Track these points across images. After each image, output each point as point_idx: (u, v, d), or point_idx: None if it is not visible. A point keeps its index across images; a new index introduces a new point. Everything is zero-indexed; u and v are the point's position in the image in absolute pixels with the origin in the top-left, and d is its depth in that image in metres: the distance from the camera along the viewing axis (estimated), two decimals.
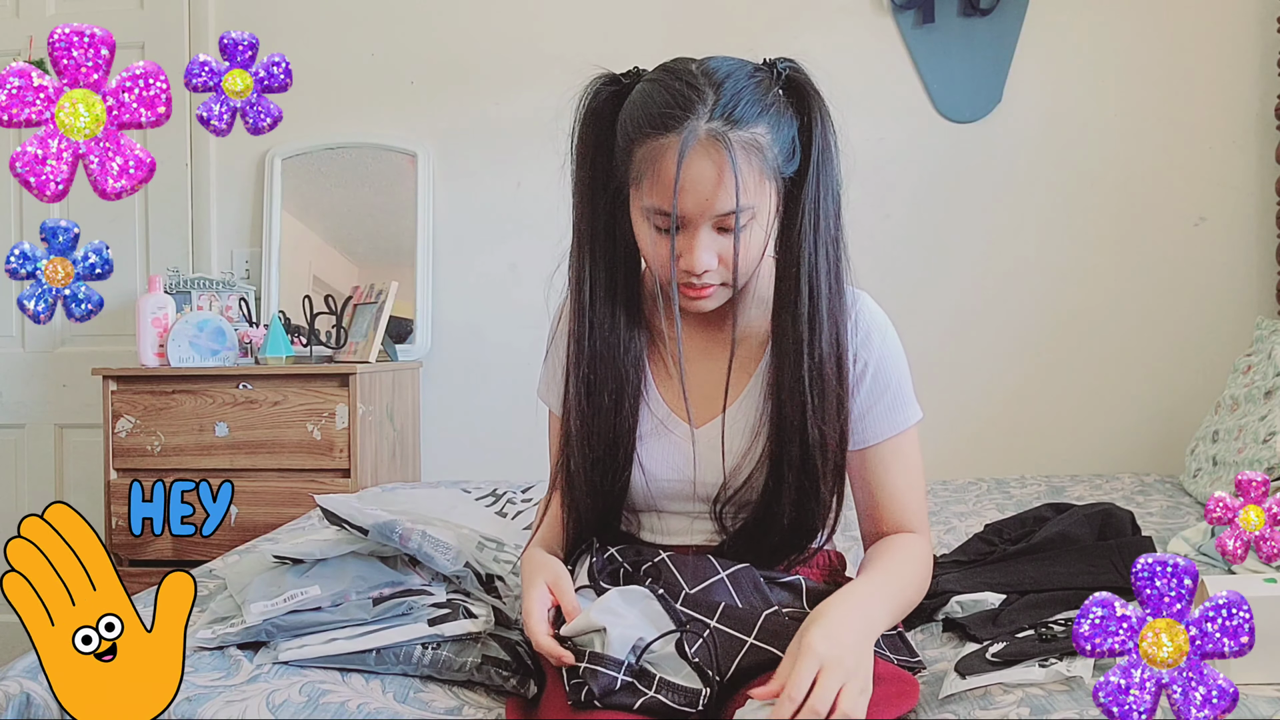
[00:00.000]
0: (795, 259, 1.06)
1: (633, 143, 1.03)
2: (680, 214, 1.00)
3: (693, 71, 1.02)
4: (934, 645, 1.29)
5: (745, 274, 1.06)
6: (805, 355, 1.06)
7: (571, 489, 1.15)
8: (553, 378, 1.21)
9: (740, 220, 1.01)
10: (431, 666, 1.13)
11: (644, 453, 1.12)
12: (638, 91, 1.04)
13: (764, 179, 1.02)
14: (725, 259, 1.03)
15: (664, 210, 1.01)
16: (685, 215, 1.00)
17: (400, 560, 1.23)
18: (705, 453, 1.11)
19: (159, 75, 0.72)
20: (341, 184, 2.81)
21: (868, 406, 1.12)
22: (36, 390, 2.92)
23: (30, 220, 2.92)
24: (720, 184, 0.99)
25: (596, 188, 1.09)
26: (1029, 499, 2.11)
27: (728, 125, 0.99)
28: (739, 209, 1.00)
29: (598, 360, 1.10)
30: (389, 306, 2.48)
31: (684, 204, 0.99)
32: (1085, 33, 2.61)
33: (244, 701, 1.06)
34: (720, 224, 1.02)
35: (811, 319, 1.06)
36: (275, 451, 2.35)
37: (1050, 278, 2.62)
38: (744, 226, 1.02)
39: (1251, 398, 2.11)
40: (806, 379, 1.06)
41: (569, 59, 2.68)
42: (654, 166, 1.00)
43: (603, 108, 1.07)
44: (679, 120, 0.99)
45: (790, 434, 1.07)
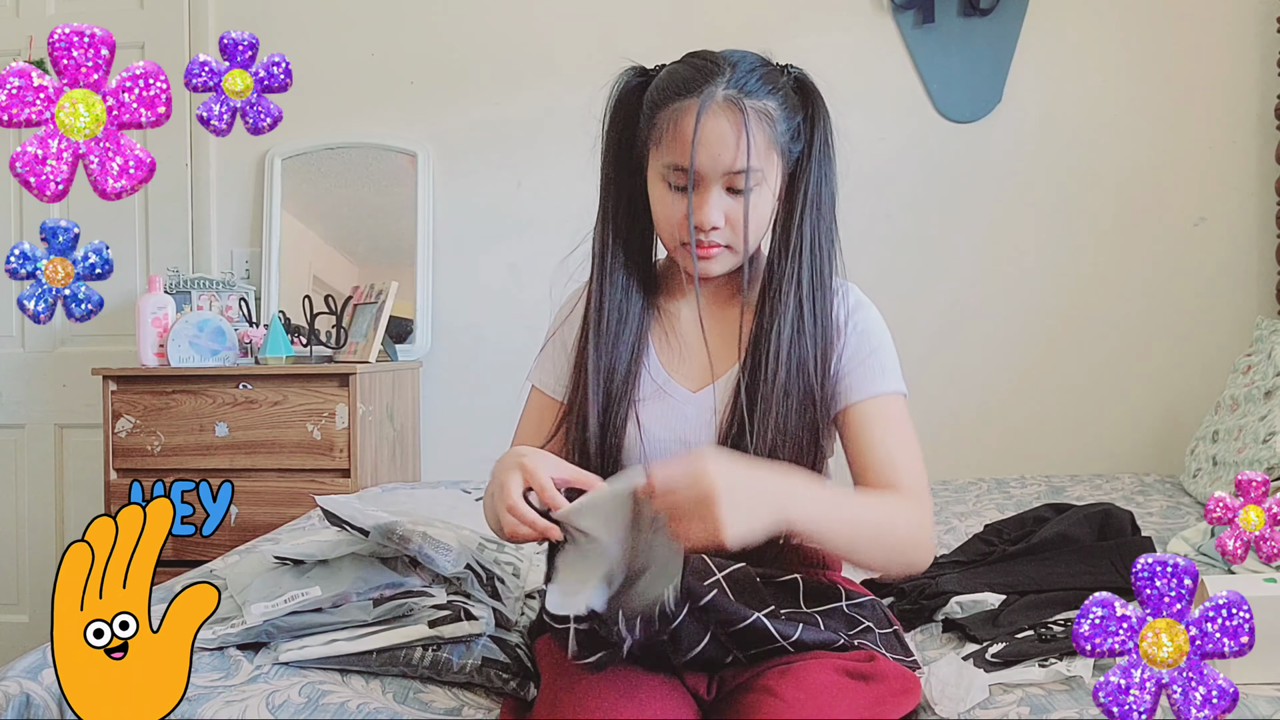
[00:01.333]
0: (792, 239, 1.14)
1: (656, 109, 1.11)
2: (695, 170, 1.08)
3: (713, 53, 1.13)
4: (934, 646, 1.29)
5: (753, 239, 1.12)
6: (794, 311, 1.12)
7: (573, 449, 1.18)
8: (548, 359, 1.25)
9: (750, 181, 1.08)
10: (431, 668, 1.13)
11: (642, 413, 1.17)
12: (664, 72, 1.15)
13: (772, 148, 1.10)
14: (733, 220, 1.10)
15: (681, 166, 1.09)
16: (699, 172, 1.08)
17: (401, 561, 1.23)
18: (699, 413, 1.16)
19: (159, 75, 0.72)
20: (341, 184, 2.81)
21: (853, 365, 1.14)
22: (36, 390, 2.92)
23: (30, 220, 2.92)
24: (734, 142, 1.07)
25: (621, 165, 1.18)
26: (1029, 499, 2.12)
27: (743, 94, 1.08)
28: (749, 168, 1.07)
29: (611, 318, 1.18)
30: (389, 306, 2.48)
31: (699, 159, 1.07)
32: (1085, 33, 2.61)
33: (244, 701, 1.06)
34: (731, 183, 1.09)
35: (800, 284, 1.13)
36: (275, 451, 2.34)
37: (1050, 277, 2.62)
38: (753, 188, 1.09)
39: (1251, 398, 2.11)
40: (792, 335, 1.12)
41: (569, 59, 2.73)
42: (674, 125, 1.09)
43: (631, 94, 1.17)
44: (699, 86, 1.08)
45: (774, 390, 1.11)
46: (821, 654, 1.03)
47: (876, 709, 0.97)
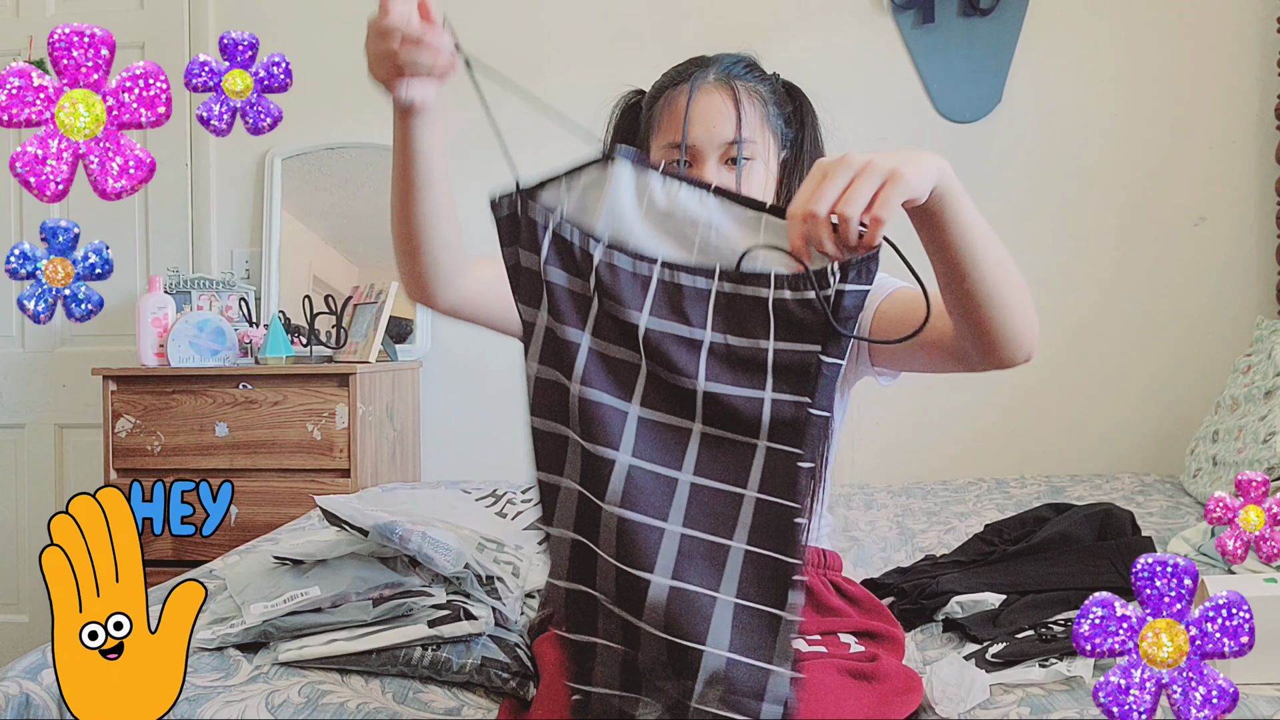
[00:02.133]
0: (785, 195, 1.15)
1: (652, 102, 1.16)
2: (690, 146, 1.10)
3: (704, 55, 1.18)
4: (934, 645, 1.29)
5: None
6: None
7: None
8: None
9: (744, 152, 1.10)
10: (431, 668, 1.13)
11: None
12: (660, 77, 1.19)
13: (765, 126, 1.13)
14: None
15: (676, 143, 1.11)
16: (694, 147, 1.11)
17: (400, 561, 1.23)
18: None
19: (159, 75, 0.72)
20: (341, 184, 2.81)
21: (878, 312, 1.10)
22: (36, 390, 2.92)
23: (30, 220, 2.92)
24: (728, 115, 1.10)
25: None
26: (1029, 499, 2.12)
27: (732, 77, 1.13)
28: (743, 139, 1.10)
29: None
30: (389, 306, 2.48)
31: (694, 134, 1.10)
32: (1085, 32, 2.61)
33: (243, 702, 1.06)
34: (727, 156, 1.11)
35: None
36: (275, 451, 2.35)
37: (1050, 277, 2.62)
38: (748, 160, 1.11)
39: (1251, 398, 2.11)
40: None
41: (569, 60, 2.72)
42: (668, 109, 1.13)
43: (631, 108, 1.22)
44: (689, 74, 1.14)
45: None
46: (824, 655, 1.03)
47: (880, 709, 0.97)
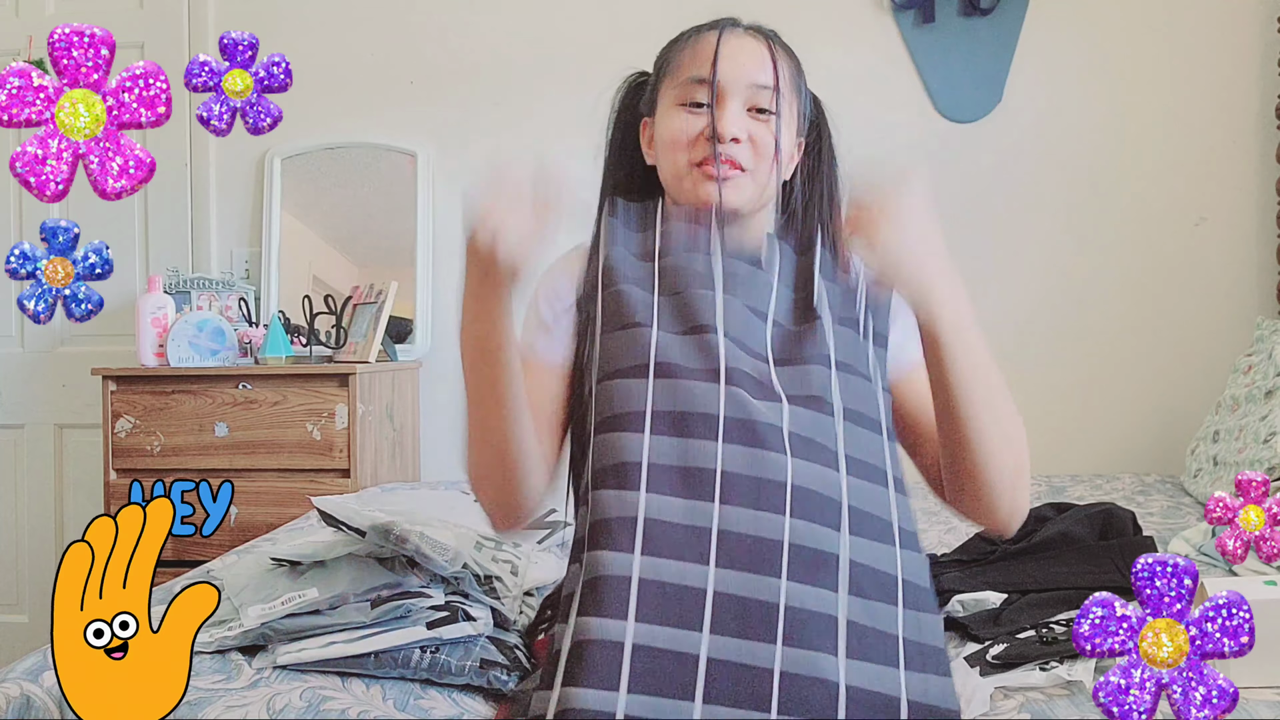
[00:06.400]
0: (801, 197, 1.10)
1: (668, 52, 1.08)
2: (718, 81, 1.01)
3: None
4: None
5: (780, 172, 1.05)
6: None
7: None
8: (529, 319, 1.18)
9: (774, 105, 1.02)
10: (430, 670, 1.13)
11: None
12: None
13: (793, 89, 1.06)
14: (756, 139, 1.03)
15: (701, 78, 1.02)
16: (721, 84, 1.02)
17: (398, 562, 1.23)
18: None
19: (159, 75, 0.72)
20: (341, 184, 2.81)
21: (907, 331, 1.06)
22: (36, 390, 2.92)
23: (30, 220, 2.91)
24: (761, 58, 1.03)
25: (627, 146, 1.14)
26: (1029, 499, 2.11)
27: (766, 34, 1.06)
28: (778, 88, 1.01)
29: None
30: (389, 306, 2.48)
31: (723, 70, 1.01)
32: (1085, 32, 2.61)
33: (245, 706, 1.06)
34: (754, 102, 1.03)
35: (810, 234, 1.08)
36: (275, 451, 2.34)
37: (1050, 277, 2.62)
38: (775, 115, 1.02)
39: (1252, 398, 2.10)
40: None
41: (570, 59, 2.72)
42: (693, 47, 1.04)
43: (636, 88, 1.15)
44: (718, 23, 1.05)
45: None
46: None
47: None
